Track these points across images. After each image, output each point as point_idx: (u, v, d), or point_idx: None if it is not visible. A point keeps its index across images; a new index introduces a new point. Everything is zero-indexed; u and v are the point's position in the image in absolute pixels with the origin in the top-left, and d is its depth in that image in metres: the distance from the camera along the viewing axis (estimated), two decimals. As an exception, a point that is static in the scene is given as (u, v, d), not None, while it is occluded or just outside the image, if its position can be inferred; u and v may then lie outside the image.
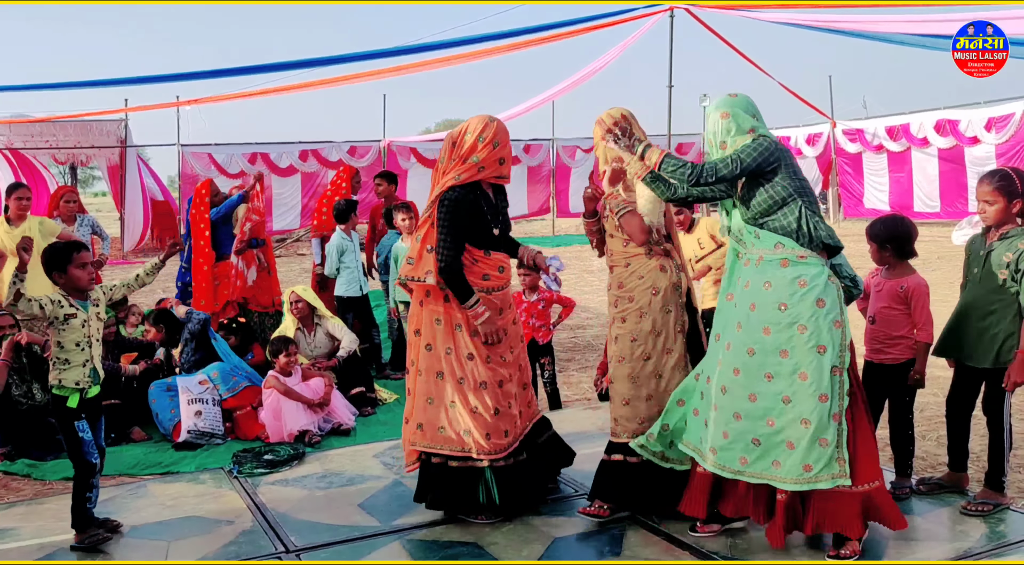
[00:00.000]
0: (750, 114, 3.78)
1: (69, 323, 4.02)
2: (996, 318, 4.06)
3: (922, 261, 14.37)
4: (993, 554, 3.70)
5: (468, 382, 4.13)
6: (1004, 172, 4.11)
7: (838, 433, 3.54)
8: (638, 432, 4.06)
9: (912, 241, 4.38)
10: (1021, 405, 5.85)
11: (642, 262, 4.12)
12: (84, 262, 4.08)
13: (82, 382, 4.05)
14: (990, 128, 17.43)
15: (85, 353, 4.07)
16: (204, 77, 13.38)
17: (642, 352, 4.07)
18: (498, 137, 4.12)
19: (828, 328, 3.56)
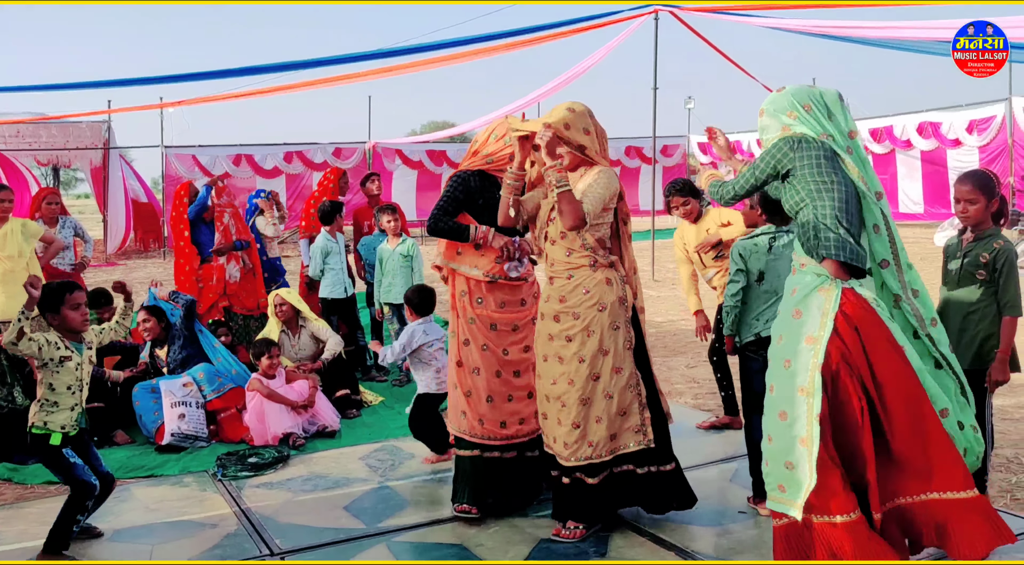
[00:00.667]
0: (787, 111, 3.50)
1: (64, 365, 3.96)
2: (976, 318, 4.09)
3: (905, 262, 14.51)
4: (975, 553, 3.72)
5: (465, 366, 4.34)
6: (981, 172, 4.16)
7: (804, 458, 3.23)
8: (589, 456, 3.91)
9: None
10: (1002, 406, 5.91)
11: (586, 274, 3.95)
12: (77, 302, 4.00)
13: (68, 427, 3.99)
14: (972, 130, 17.57)
15: (75, 397, 4.01)
16: (188, 79, 13.31)
17: (591, 372, 3.90)
18: (509, 134, 4.19)
19: (798, 341, 3.36)
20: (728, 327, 4.34)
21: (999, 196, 4.09)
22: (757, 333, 4.21)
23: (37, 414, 3.97)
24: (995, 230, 4.12)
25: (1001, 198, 4.12)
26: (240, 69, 12.60)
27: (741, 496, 4.41)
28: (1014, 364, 4.10)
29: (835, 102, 3.49)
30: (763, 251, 4.22)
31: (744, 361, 4.33)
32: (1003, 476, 4.75)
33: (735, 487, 4.58)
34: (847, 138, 3.49)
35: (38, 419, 3.96)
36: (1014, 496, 4.49)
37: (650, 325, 9.84)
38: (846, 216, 3.38)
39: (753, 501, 4.29)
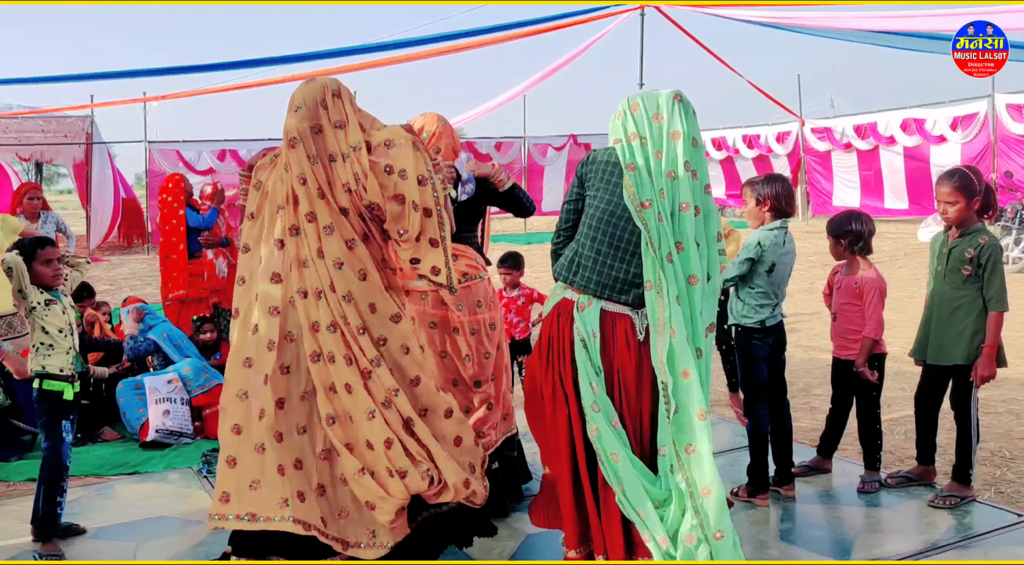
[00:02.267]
0: (617, 114, 3.30)
1: (51, 309, 4.01)
2: (962, 314, 4.11)
3: (889, 258, 14.60)
4: (960, 546, 3.76)
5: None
6: (962, 172, 4.16)
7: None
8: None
9: (866, 237, 4.42)
10: (987, 400, 5.94)
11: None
12: (49, 258, 4.03)
13: (66, 369, 4.04)
14: (955, 127, 17.67)
15: (68, 340, 4.07)
16: (171, 73, 13.23)
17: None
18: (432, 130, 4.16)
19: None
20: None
21: (984, 190, 4.11)
22: (762, 321, 4.22)
23: (35, 358, 4.02)
24: (980, 226, 4.14)
25: (987, 190, 4.14)
26: (225, 63, 12.54)
27: (726, 489, 4.41)
28: (1000, 359, 4.13)
29: (667, 102, 3.20)
30: (779, 244, 4.22)
31: (748, 348, 4.29)
32: (987, 470, 4.78)
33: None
34: (663, 141, 3.17)
35: (36, 363, 4.01)
36: (998, 489, 4.52)
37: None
38: (583, 233, 3.31)
39: (742, 493, 4.30)
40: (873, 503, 4.28)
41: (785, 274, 4.27)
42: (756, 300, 4.23)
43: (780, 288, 4.27)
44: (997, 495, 4.45)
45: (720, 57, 16.89)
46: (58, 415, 4.01)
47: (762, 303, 4.22)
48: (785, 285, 4.31)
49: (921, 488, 4.37)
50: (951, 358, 4.15)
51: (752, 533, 3.97)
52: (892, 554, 3.67)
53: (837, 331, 4.50)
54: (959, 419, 4.22)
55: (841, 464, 4.72)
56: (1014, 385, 6.46)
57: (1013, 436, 5.38)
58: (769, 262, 4.19)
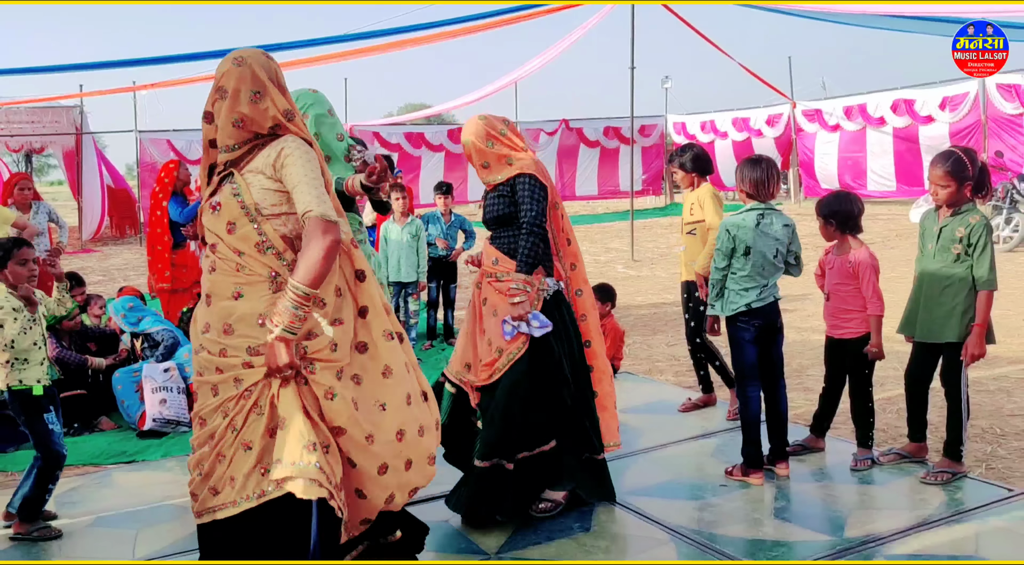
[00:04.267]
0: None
1: (18, 321, 3.96)
2: (952, 293, 4.15)
3: (881, 239, 14.64)
4: (952, 521, 3.80)
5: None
6: (956, 155, 4.17)
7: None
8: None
9: (855, 216, 4.47)
10: (977, 377, 5.99)
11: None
12: (24, 259, 4.00)
13: (43, 379, 4.01)
14: (944, 107, 17.67)
15: (41, 352, 4.05)
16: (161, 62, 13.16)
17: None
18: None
19: None
20: (712, 299, 4.38)
21: (978, 171, 4.13)
22: (748, 304, 4.25)
23: (10, 375, 3.97)
24: (971, 205, 4.17)
25: (982, 170, 4.16)
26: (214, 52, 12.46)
27: (720, 470, 4.46)
28: (990, 337, 4.17)
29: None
30: (751, 227, 4.25)
31: (734, 331, 4.35)
32: (978, 446, 4.83)
33: (714, 462, 4.62)
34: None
35: (12, 379, 3.97)
36: (989, 465, 4.57)
37: (630, 305, 9.89)
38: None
39: (736, 472, 4.34)
40: (866, 480, 4.33)
41: (768, 256, 4.26)
42: (739, 285, 4.27)
43: (764, 270, 4.26)
44: (988, 471, 4.50)
45: (711, 40, 16.88)
46: (36, 411, 3.99)
47: (746, 287, 4.26)
48: (772, 267, 4.29)
49: (913, 465, 4.42)
50: (941, 336, 4.19)
51: (746, 511, 4.02)
52: (885, 530, 3.72)
53: (830, 311, 4.54)
54: (950, 397, 4.26)
55: (834, 443, 4.76)
56: (1004, 363, 6.51)
57: (1003, 413, 5.43)
58: (743, 246, 4.23)
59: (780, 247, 4.29)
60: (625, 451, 4.84)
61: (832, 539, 3.66)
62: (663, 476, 4.48)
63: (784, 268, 4.38)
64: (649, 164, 23.90)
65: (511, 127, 4.09)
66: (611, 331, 6.54)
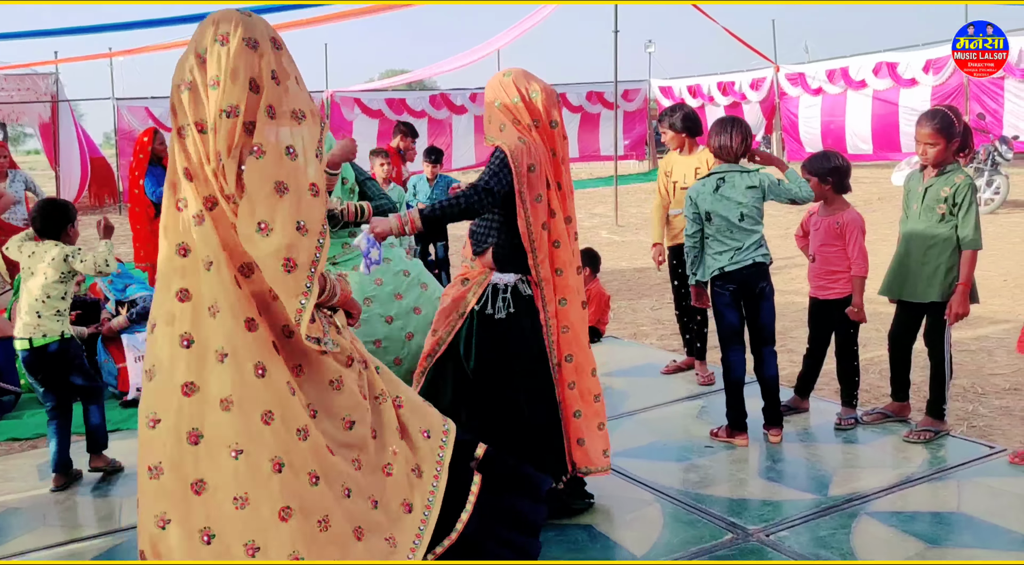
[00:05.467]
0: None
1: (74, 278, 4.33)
2: (936, 252, 4.16)
3: (863, 202, 14.68)
4: (934, 478, 3.85)
5: None
6: (943, 114, 4.16)
7: None
8: None
9: (849, 175, 4.48)
10: (960, 337, 6.04)
11: None
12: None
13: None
14: (927, 70, 17.65)
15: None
16: (138, 27, 12.91)
17: None
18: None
19: None
20: (689, 268, 4.41)
21: (963, 131, 4.13)
22: (721, 268, 4.25)
23: (64, 324, 4.25)
24: (955, 165, 4.17)
25: (965, 130, 4.16)
26: (192, 16, 12.24)
27: (705, 431, 4.48)
28: (973, 297, 4.19)
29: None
30: (709, 192, 4.25)
31: (713, 297, 4.37)
32: (960, 405, 4.88)
33: (700, 424, 4.65)
34: None
35: (66, 328, 4.27)
36: (971, 424, 4.62)
37: (615, 269, 9.90)
38: None
39: (721, 433, 4.37)
40: (850, 440, 4.37)
41: (731, 219, 4.21)
42: (711, 249, 4.31)
43: (733, 233, 4.22)
44: (970, 429, 4.55)
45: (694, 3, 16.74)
46: (83, 353, 4.46)
47: (718, 251, 4.27)
48: (739, 230, 4.22)
49: (896, 424, 4.46)
50: (925, 296, 4.21)
51: (732, 471, 4.05)
52: (869, 488, 3.76)
53: (816, 272, 4.54)
54: (933, 356, 4.29)
55: (818, 403, 4.80)
56: (986, 323, 6.57)
57: (985, 372, 5.49)
58: (703, 211, 4.27)
59: (744, 209, 4.22)
60: (611, 414, 4.84)
61: (817, 498, 3.70)
62: (649, 438, 4.50)
63: (756, 231, 4.26)
64: (632, 129, 23.80)
65: (540, 101, 3.51)
66: (596, 296, 6.55)
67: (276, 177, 2.28)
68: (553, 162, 3.55)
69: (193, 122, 2.33)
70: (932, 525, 3.43)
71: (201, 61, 2.32)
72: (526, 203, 3.44)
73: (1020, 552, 3.21)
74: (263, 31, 2.36)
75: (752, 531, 3.43)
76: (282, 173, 2.29)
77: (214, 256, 2.34)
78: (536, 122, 3.51)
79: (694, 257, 4.39)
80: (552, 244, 3.57)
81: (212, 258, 2.34)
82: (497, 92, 3.56)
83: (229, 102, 2.28)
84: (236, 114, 2.28)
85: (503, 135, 3.51)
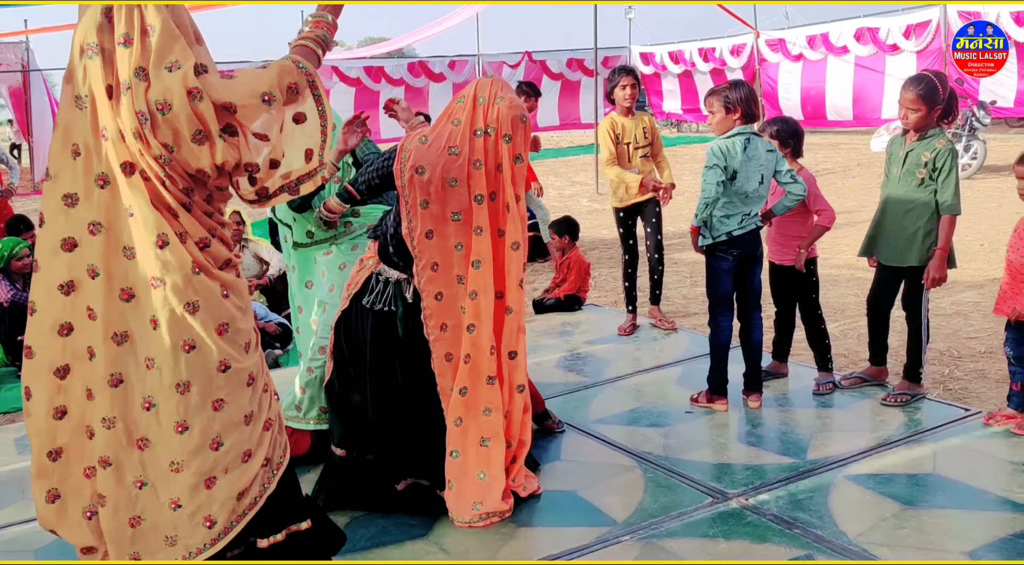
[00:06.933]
0: None
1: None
2: (915, 216, 4.17)
3: (841, 168, 14.75)
4: (911, 440, 3.89)
5: None
6: (928, 80, 4.14)
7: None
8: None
9: (803, 140, 4.52)
10: (936, 301, 6.10)
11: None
12: None
13: None
14: (909, 35, 17.63)
15: None
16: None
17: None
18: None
19: None
20: (701, 217, 4.22)
21: (947, 97, 4.12)
22: (729, 232, 4.21)
23: None
24: (937, 130, 4.17)
25: (951, 96, 4.15)
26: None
27: (685, 397, 4.51)
28: (951, 262, 4.22)
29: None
30: (739, 151, 4.14)
31: (712, 261, 4.31)
32: (936, 368, 4.93)
33: (679, 389, 4.67)
34: None
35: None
36: (947, 386, 4.67)
37: (595, 237, 9.89)
38: None
39: (701, 398, 4.40)
40: (828, 404, 4.41)
41: (752, 182, 4.17)
42: (722, 211, 4.20)
43: (748, 197, 4.19)
44: (946, 392, 4.61)
45: (674, -32, 16.60)
46: None
47: (728, 214, 4.19)
48: (756, 195, 4.21)
49: (873, 388, 4.50)
50: (904, 259, 4.23)
51: (712, 436, 4.08)
52: (847, 451, 3.80)
53: (773, 237, 4.55)
54: (910, 320, 4.32)
55: (796, 368, 4.83)
56: (963, 287, 6.63)
57: (961, 336, 5.55)
58: (731, 170, 4.15)
59: (765, 172, 4.20)
60: (591, 381, 4.89)
61: (796, 461, 3.73)
62: (629, 404, 4.52)
63: (765, 197, 4.28)
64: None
65: (484, 106, 3.29)
66: (576, 264, 6.55)
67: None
68: (496, 176, 3.28)
69: (105, 87, 2.25)
70: (908, 486, 3.47)
71: (108, 20, 2.25)
72: (408, 204, 3.26)
73: (994, 512, 3.26)
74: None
75: (732, 495, 3.46)
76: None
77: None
78: (487, 130, 3.26)
79: (710, 208, 4.18)
80: (471, 264, 3.28)
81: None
82: (470, 90, 3.37)
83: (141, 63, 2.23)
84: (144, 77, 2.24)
85: (436, 128, 3.33)
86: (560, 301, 6.49)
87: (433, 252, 3.30)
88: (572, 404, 4.54)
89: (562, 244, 6.69)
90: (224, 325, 2.38)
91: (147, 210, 2.28)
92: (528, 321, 6.18)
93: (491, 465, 3.36)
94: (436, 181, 3.22)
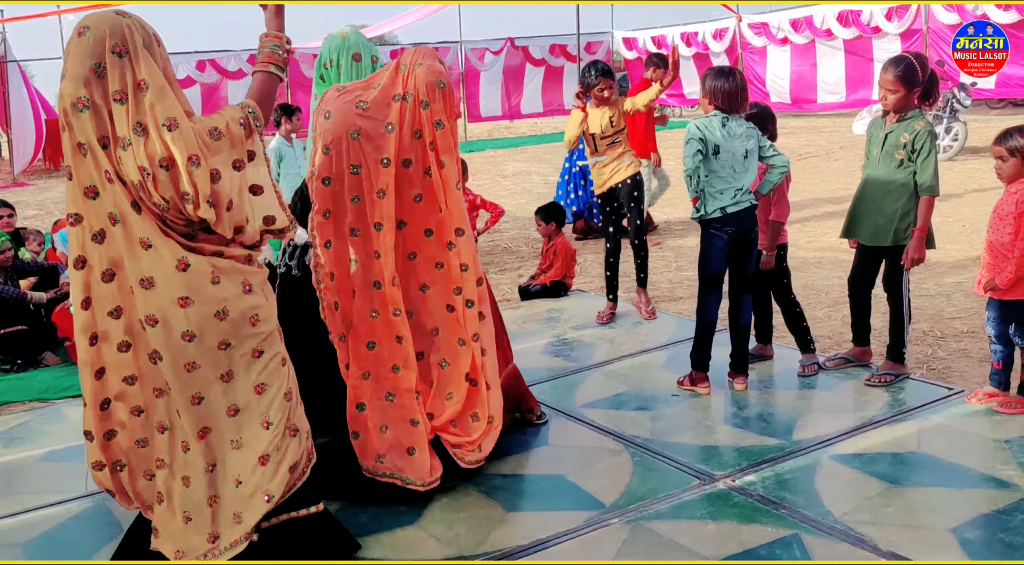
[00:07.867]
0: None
1: None
2: (894, 197, 4.20)
3: (824, 151, 14.78)
4: (895, 420, 3.93)
5: None
6: (908, 62, 4.16)
7: None
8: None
9: (776, 123, 4.55)
10: (919, 283, 6.14)
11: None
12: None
13: None
14: (891, 17, 17.68)
15: None
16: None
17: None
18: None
19: None
20: (694, 190, 4.22)
21: (927, 79, 4.14)
22: (723, 208, 4.20)
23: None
24: (916, 112, 4.19)
25: (931, 78, 4.16)
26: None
27: (672, 381, 4.53)
28: (930, 242, 4.25)
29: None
30: (718, 127, 4.15)
31: (706, 238, 4.31)
32: (919, 349, 4.97)
33: (665, 373, 4.69)
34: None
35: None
36: (930, 366, 4.72)
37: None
38: None
39: (685, 381, 4.42)
40: (812, 385, 4.44)
41: (737, 154, 4.17)
42: (713, 186, 4.19)
43: (736, 171, 4.18)
44: (929, 372, 4.65)
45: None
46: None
47: (720, 189, 4.18)
48: (743, 167, 4.20)
49: (857, 368, 4.53)
50: (884, 240, 4.25)
51: (698, 419, 4.10)
52: (832, 431, 3.83)
53: None
54: (892, 301, 4.35)
55: (781, 350, 4.86)
56: (945, 268, 6.67)
57: (943, 317, 5.59)
58: (712, 143, 4.15)
59: (749, 147, 4.20)
60: (578, 366, 4.91)
61: (782, 442, 3.77)
62: (616, 388, 4.54)
63: (753, 171, 4.27)
64: (596, 82, 23.63)
65: (404, 73, 3.35)
66: (562, 250, 6.56)
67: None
68: (412, 143, 3.33)
69: (97, 138, 2.51)
70: (893, 465, 3.51)
71: (98, 75, 2.48)
72: (315, 149, 3.31)
73: (977, 489, 3.30)
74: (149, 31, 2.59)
75: (719, 476, 3.49)
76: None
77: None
78: (405, 96, 3.31)
79: (698, 179, 4.18)
80: (373, 225, 3.30)
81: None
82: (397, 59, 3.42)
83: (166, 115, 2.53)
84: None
85: (356, 86, 3.40)
86: (546, 287, 6.50)
87: (327, 200, 3.30)
88: (559, 389, 4.55)
89: (548, 230, 6.69)
90: (255, 316, 2.70)
91: (160, 239, 2.58)
92: (514, 308, 6.20)
93: (396, 422, 3.40)
94: (338, 128, 3.25)
